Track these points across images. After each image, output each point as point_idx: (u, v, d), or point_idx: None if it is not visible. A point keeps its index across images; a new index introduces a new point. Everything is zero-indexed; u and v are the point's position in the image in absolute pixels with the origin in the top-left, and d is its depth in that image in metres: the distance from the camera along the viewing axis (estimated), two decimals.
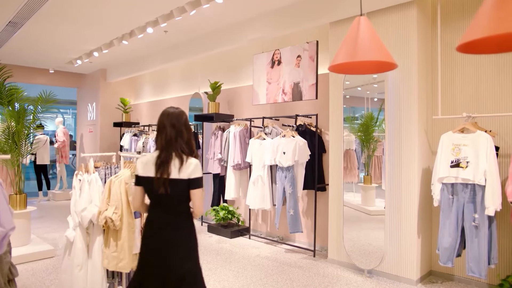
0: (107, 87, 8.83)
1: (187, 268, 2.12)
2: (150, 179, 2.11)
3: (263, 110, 5.61)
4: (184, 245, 2.14)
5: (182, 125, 2.16)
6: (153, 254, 2.13)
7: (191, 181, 2.09)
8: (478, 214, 3.16)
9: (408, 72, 3.73)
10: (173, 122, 2.15)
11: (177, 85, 7.65)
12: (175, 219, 2.15)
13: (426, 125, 3.87)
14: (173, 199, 2.11)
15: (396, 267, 3.81)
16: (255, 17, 5.01)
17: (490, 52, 1.48)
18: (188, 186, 2.09)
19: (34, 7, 4.77)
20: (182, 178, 2.08)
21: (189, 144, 2.17)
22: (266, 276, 3.95)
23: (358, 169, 4.49)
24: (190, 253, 2.17)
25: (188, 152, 2.14)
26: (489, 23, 1.30)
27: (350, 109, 4.71)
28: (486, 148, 3.11)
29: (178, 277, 2.09)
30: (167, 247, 2.11)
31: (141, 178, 2.17)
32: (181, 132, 2.15)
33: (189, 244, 2.17)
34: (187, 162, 2.10)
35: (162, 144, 2.14)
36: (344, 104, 4.32)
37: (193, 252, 2.19)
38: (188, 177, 2.08)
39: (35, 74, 8.83)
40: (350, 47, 1.67)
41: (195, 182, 2.10)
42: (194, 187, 2.10)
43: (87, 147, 9.34)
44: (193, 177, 2.09)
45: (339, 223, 4.27)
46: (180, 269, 2.10)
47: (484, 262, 3.13)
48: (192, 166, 2.10)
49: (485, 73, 3.60)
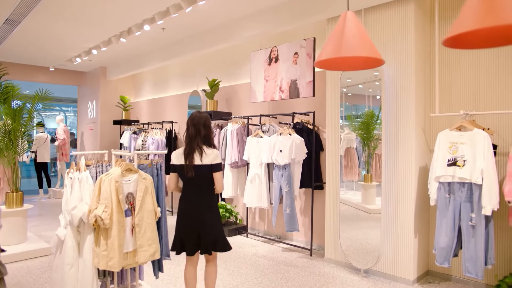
0: (107, 85, 8.82)
1: (218, 233, 2.82)
2: (181, 166, 2.81)
3: (262, 107, 5.57)
4: (209, 213, 2.81)
5: (201, 125, 2.81)
6: (188, 221, 2.81)
7: (213, 166, 2.79)
8: (475, 214, 3.10)
9: (405, 69, 3.67)
10: (194, 123, 2.81)
11: (177, 83, 7.63)
12: (201, 195, 2.82)
13: (424, 122, 3.81)
14: (198, 179, 2.80)
15: (393, 266, 3.76)
16: (252, 14, 4.96)
17: (479, 47, 1.43)
18: (210, 170, 2.78)
19: (30, 4, 4.76)
20: (204, 163, 2.76)
21: (207, 139, 2.83)
22: (261, 275, 3.92)
23: (359, 167, 4.44)
24: (215, 220, 2.84)
25: (207, 145, 2.82)
26: (477, 16, 1.25)
27: (352, 106, 4.66)
28: (483, 147, 3.05)
29: (212, 239, 2.78)
30: (197, 215, 2.79)
31: (175, 166, 2.86)
32: (199, 130, 2.80)
33: (213, 213, 2.85)
34: (207, 152, 2.77)
35: (186, 140, 2.83)
36: (346, 101, 4.27)
37: (217, 219, 2.86)
38: (211, 163, 2.77)
39: (35, 72, 8.84)
40: (336, 43, 1.62)
41: (216, 166, 2.80)
42: (215, 170, 2.80)
43: (87, 145, 9.34)
44: (214, 163, 2.79)
45: (335, 222, 4.22)
46: (212, 233, 2.79)
47: (481, 262, 3.07)
48: (213, 155, 2.79)
49: (484, 69, 3.53)
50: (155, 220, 3.03)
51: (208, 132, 2.84)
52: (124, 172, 2.92)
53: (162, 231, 3.20)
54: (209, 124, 2.87)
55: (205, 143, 2.81)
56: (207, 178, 2.80)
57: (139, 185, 2.95)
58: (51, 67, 8.70)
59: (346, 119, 4.42)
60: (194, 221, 2.79)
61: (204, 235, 2.78)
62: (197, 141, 2.78)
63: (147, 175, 3.02)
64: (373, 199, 4.32)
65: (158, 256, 3.01)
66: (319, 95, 4.70)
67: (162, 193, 3.24)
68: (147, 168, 3.20)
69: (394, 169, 3.76)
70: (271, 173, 4.90)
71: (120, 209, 2.81)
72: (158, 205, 3.12)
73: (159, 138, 7.00)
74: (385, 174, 3.81)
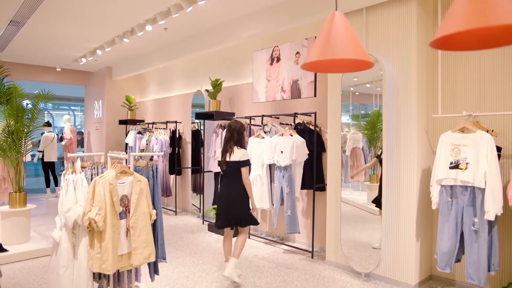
0: (113, 85, 8.87)
1: (242, 212, 3.67)
2: (220, 161, 3.74)
3: (264, 108, 5.52)
4: (238, 198, 3.66)
5: (235, 132, 3.72)
6: (222, 202, 3.73)
7: (241, 162, 3.64)
8: (478, 218, 3.01)
9: (407, 68, 3.58)
10: (230, 129, 3.74)
11: (181, 83, 7.62)
12: (231, 183, 3.69)
13: (427, 124, 3.72)
14: (229, 172, 3.69)
15: (394, 271, 3.68)
16: (252, 13, 4.91)
17: (469, 49, 1.35)
18: (238, 165, 3.63)
19: (33, 6, 4.78)
20: (233, 160, 3.64)
21: (239, 142, 3.71)
22: (260, 277, 3.88)
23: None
24: (242, 202, 3.67)
25: (239, 146, 3.69)
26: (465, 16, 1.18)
27: (361, 106, 4.58)
28: (486, 149, 2.95)
29: (238, 216, 3.66)
30: (228, 199, 3.68)
31: (218, 161, 3.79)
32: (233, 135, 3.71)
33: (240, 197, 3.66)
34: (236, 151, 3.66)
35: (223, 142, 3.77)
36: (354, 101, 4.20)
37: (243, 202, 3.67)
38: (238, 160, 3.64)
39: (42, 73, 8.93)
40: (322, 45, 1.57)
41: (242, 163, 3.64)
42: (242, 166, 3.64)
43: (94, 145, 9.41)
44: (241, 160, 3.64)
45: (336, 224, 4.15)
46: (239, 212, 3.66)
47: (483, 268, 2.98)
48: (241, 153, 3.66)
49: (489, 69, 3.42)
50: (150, 223, 3.00)
51: (240, 137, 3.72)
52: (119, 174, 2.90)
53: (158, 233, 3.18)
54: (242, 131, 3.76)
55: (236, 145, 3.69)
56: (235, 171, 3.65)
57: (134, 188, 2.93)
58: (57, 67, 8.78)
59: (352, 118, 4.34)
60: (226, 203, 3.69)
61: (232, 213, 3.66)
62: (230, 143, 3.69)
63: (142, 177, 2.99)
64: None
65: (153, 259, 2.99)
66: (321, 95, 4.63)
67: (158, 195, 3.21)
68: (142, 170, 3.18)
69: (395, 171, 3.68)
70: (273, 174, 4.85)
71: (114, 212, 2.79)
72: (153, 207, 3.10)
73: (163, 138, 7.00)
74: (386, 175, 3.73)
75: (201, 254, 4.63)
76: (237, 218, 3.67)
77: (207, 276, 3.89)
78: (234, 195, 3.67)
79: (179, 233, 5.64)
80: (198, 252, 4.70)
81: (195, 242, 5.18)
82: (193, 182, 6.92)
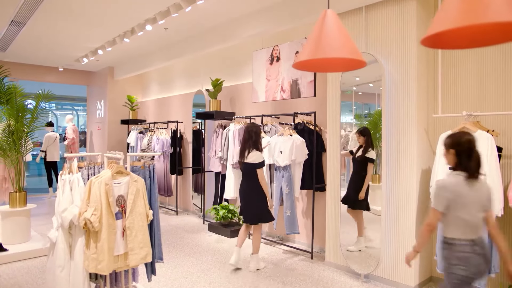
0: (115, 85, 8.88)
1: (260, 209, 3.96)
2: (239, 161, 4.08)
3: (264, 107, 5.50)
4: (254, 196, 3.96)
5: (253, 133, 3.95)
6: (241, 198, 4.10)
7: (255, 164, 3.90)
8: None
9: (407, 68, 3.54)
10: (248, 131, 3.97)
11: (182, 82, 7.62)
12: (247, 183, 4.01)
13: (427, 124, 3.68)
14: (245, 172, 4.01)
15: (393, 272, 3.65)
16: (252, 12, 4.89)
17: (461, 47, 1.32)
18: (253, 167, 3.90)
19: (33, 5, 4.79)
20: (248, 161, 3.93)
21: (256, 143, 3.94)
22: (258, 278, 3.86)
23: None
24: (256, 201, 3.96)
25: (254, 148, 3.93)
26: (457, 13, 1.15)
27: (364, 106, 4.54)
28: (486, 149, 2.91)
29: (254, 212, 3.97)
30: (245, 196, 4.04)
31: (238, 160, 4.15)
32: (251, 137, 3.94)
33: (254, 196, 3.96)
34: (251, 153, 3.92)
35: (242, 142, 4.07)
36: (357, 100, 4.17)
37: (258, 200, 3.95)
38: (253, 162, 3.90)
39: (45, 73, 8.96)
40: (314, 43, 1.54)
41: (257, 165, 3.90)
42: (257, 167, 3.90)
43: (96, 144, 9.44)
44: (255, 162, 3.90)
45: (336, 224, 4.12)
46: (255, 209, 3.97)
47: None
48: (256, 156, 3.91)
49: (490, 69, 3.37)
50: (147, 223, 2.99)
51: (256, 139, 3.94)
52: (115, 174, 2.89)
53: (154, 233, 3.17)
54: (259, 133, 3.99)
55: (253, 146, 3.93)
56: (251, 172, 3.94)
57: (130, 188, 2.92)
58: (60, 67, 8.81)
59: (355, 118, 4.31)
60: (242, 200, 4.07)
61: (246, 210, 4.03)
62: (247, 144, 3.94)
63: (139, 178, 2.98)
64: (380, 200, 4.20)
65: (150, 259, 2.98)
66: (321, 95, 4.60)
67: (155, 196, 3.20)
68: (139, 170, 3.17)
69: (395, 171, 3.64)
70: (273, 174, 4.83)
71: (110, 212, 2.78)
72: (150, 207, 3.09)
73: (163, 138, 7.00)
74: (386, 176, 3.69)
75: (201, 254, 4.62)
76: (250, 215, 4.01)
77: (205, 277, 3.87)
78: (248, 193, 4.00)
79: (180, 233, 5.64)
80: (197, 252, 4.69)
81: (195, 242, 5.17)
82: (195, 182, 6.91)
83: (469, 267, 2.11)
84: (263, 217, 3.97)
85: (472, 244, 2.13)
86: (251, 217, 4.00)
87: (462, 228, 2.14)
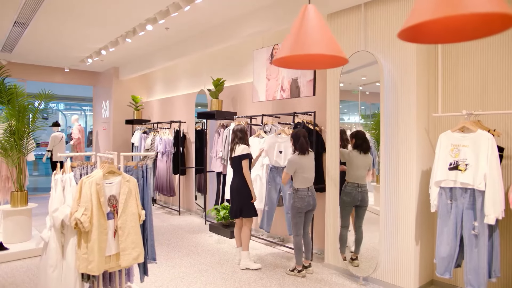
0: (120, 85, 8.92)
1: (242, 202, 4.06)
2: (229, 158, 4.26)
3: (266, 107, 5.44)
4: (238, 190, 4.08)
5: (238, 132, 4.15)
6: (230, 193, 4.21)
7: (241, 156, 4.03)
8: (478, 222, 2.87)
9: (407, 66, 3.45)
10: (234, 131, 4.20)
11: (185, 82, 7.61)
12: (235, 177, 4.13)
13: (428, 123, 3.58)
14: (234, 167, 4.12)
15: (393, 275, 3.56)
16: (251, 11, 4.84)
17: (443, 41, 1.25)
18: (239, 159, 4.02)
19: (34, 6, 4.82)
20: (235, 155, 4.07)
21: (242, 139, 4.11)
22: (256, 280, 3.81)
23: (374, 168, 4.25)
24: (242, 194, 4.05)
25: (241, 142, 4.09)
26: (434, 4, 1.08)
27: (371, 105, 4.46)
28: (487, 149, 2.81)
29: (239, 206, 4.06)
30: (232, 191, 4.16)
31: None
32: (237, 135, 4.13)
33: (241, 189, 4.05)
34: (238, 148, 4.08)
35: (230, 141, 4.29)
36: (364, 100, 4.10)
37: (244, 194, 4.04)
38: (239, 154, 4.03)
39: (52, 73, 9.05)
40: (293, 39, 1.49)
41: (242, 156, 4.02)
42: (242, 158, 4.02)
43: (102, 144, 9.50)
44: (241, 154, 4.03)
45: (335, 226, 4.05)
46: (239, 203, 4.07)
47: (483, 275, 2.84)
48: (241, 148, 4.06)
49: (493, 66, 3.26)
50: (139, 223, 2.96)
51: (242, 135, 4.13)
52: (107, 174, 2.87)
53: (147, 234, 3.15)
54: (245, 131, 4.19)
55: (239, 142, 4.10)
56: (237, 166, 4.06)
57: (122, 188, 2.89)
58: (66, 68, 8.88)
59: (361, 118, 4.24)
60: (230, 195, 4.20)
61: (232, 204, 4.17)
62: (234, 142, 4.15)
63: (131, 177, 2.96)
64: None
65: (142, 260, 2.95)
66: (321, 94, 4.53)
67: (148, 196, 3.18)
68: (133, 170, 3.15)
69: (394, 171, 3.56)
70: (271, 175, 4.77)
71: (101, 212, 2.76)
72: (143, 207, 3.06)
73: (166, 138, 7.00)
74: (384, 176, 3.61)
75: (199, 255, 4.59)
76: (235, 209, 4.08)
77: (201, 278, 3.84)
78: (235, 187, 4.10)
79: (180, 233, 5.62)
80: (196, 253, 4.66)
81: (195, 242, 5.14)
82: (198, 182, 6.90)
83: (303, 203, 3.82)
84: (244, 211, 4.03)
85: (307, 190, 3.83)
86: (234, 210, 4.09)
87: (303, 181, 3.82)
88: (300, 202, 3.82)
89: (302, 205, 3.82)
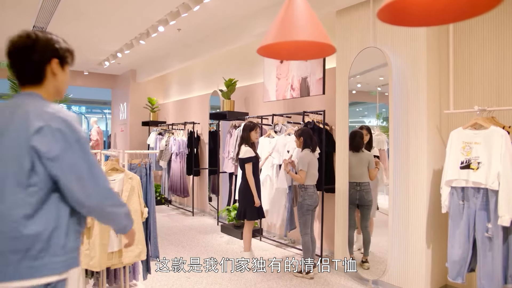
0: (137, 87, 9.07)
1: (246, 205, 4.06)
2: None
3: (277, 106, 5.39)
4: (245, 192, 4.08)
5: (242, 131, 4.16)
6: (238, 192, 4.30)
7: (244, 159, 4.03)
8: (492, 224, 2.72)
9: (417, 61, 3.33)
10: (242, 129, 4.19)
11: (200, 84, 7.66)
12: (242, 178, 4.12)
13: (440, 120, 3.44)
14: (240, 168, 4.16)
15: (403, 278, 3.42)
16: (260, 10, 4.81)
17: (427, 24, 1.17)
18: (242, 162, 4.03)
19: (50, 10, 4.97)
20: (239, 157, 4.10)
21: (243, 138, 4.10)
22: (262, 281, 3.75)
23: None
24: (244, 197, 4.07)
25: (243, 143, 4.08)
26: None
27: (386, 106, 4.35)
28: (500, 147, 2.66)
29: (244, 208, 4.06)
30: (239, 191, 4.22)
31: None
32: (244, 134, 4.11)
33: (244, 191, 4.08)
34: (241, 150, 4.08)
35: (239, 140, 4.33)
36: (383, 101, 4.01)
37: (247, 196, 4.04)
38: (242, 157, 4.04)
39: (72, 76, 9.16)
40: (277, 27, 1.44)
41: (244, 159, 4.02)
42: (245, 162, 4.02)
43: (119, 146, 9.67)
44: (244, 157, 4.03)
45: (345, 228, 3.94)
46: (243, 204, 4.09)
47: (498, 280, 2.69)
48: (243, 151, 4.05)
49: (509, 60, 3.10)
50: (141, 221, 2.97)
51: (244, 134, 4.09)
52: (110, 171, 2.90)
53: (150, 231, 3.15)
54: (247, 128, 4.11)
55: (242, 141, 4.09)
56: (243, 168, 4.06)
57: (125, 185, 2.91)
58: (85, 71, 9.11)
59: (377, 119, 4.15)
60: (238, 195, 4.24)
61: (239, 205, 4.18)
62: (241, 141, 4.12)
63: (134, 175, 2.97)
64: None
65: (144, 257, 2.96)
66: (331, 93, 4.44)
67: (151, 193, 3.19)
68: (136, 168, 3.17)
69: (404, 171, 3.42)
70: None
71: None
72: (146, 205, 3.07)
73: (180, 139, 7.05)
74: (394, 176, 3.48)
75: (208, 255, 4.57)
76: (241, 211, 4.11)
77: (208, 277, 3.81)
78: (241, 189, 4.16)
79: (192, 234, 5.62)
80: (205, 253, 4.64)
81: (205, 243, 5.13)
82: (212, 183, 6.90)
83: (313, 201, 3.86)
84: (247, 213, 4.06)
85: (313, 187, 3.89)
86: (239, 211, 4.15)
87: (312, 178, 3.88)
88: (310, 200, 3.85)
89: (311, 202, 3.86)
